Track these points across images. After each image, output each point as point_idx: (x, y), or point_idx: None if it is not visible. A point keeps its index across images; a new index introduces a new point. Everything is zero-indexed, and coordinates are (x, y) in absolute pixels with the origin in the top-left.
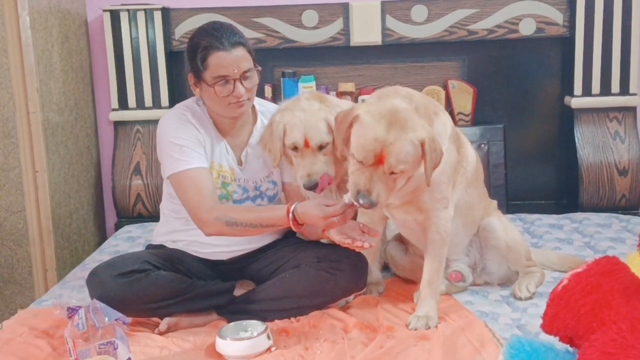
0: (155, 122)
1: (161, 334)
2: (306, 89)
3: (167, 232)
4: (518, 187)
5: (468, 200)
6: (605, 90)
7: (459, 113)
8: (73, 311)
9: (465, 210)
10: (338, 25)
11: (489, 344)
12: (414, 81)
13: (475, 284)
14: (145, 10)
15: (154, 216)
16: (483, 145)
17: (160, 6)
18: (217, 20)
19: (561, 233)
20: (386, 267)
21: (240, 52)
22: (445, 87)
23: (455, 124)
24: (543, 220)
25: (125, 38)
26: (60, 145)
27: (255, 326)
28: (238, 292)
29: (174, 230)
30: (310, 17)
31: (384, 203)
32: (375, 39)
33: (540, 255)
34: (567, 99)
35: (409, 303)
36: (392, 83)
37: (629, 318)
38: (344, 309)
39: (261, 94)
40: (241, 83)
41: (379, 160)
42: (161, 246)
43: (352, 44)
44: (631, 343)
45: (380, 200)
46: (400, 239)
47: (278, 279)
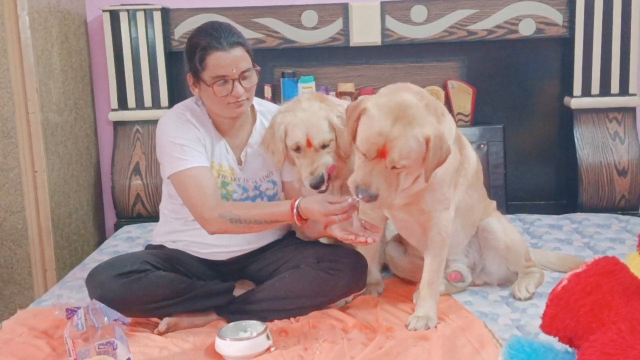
0: (155, 122)
1: (161, 334)
2: (306, 89)
3: (167, 233)
4: (517, 188)
5: (468, 201)
6: (605, 90)
7: (459, 113)
8: (72, 311)
9: (465, 211)
10: (338, 25)
11: (488, 344)
12: (414, 82)
13: (474, 285)
14: (144, 10)
15: (153, 216)
16: (482, 146)
17: (160, 6)
18: (216, 20)
19: (561, 233)
20: (385, 268)
21: (238, 52)
22: (444, 88)
23: (455, 124)
24: (542, 221)
25: (124, 38)
26: (60, 146)
27: (254, 326)
28: (238, 293)
29: (173, 231)
30: (309, 18)
31: (387, 199)
32: (375, 39)
33: (540, 256)
34: (567, 99)
35: (408, 303)
36: (392, 83)
37: (628, 318)
38: (343, 309)
39: (261, 94)
40: (240, 83)
41: (382, 154)
42: (161, 246)
43: (352, 44)
44: (630, 343)
45: (381, 193)
46: (399, 239)
47: (277, 279)
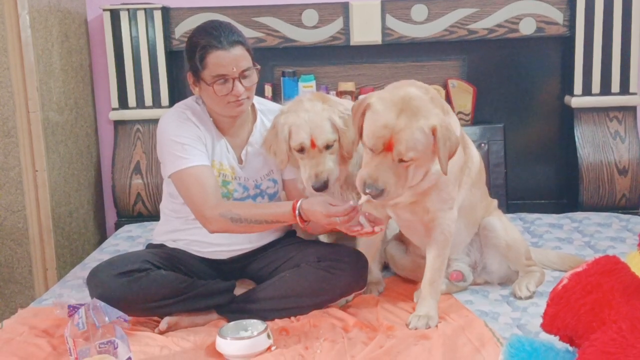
0: (156, 122)
1: (161, 333)
2: (306, 88)
3: (168, 232)
4: (518, 187)
5: (472, 200)
6: (606, 89)
7: (459, 112)
8: (73, 310)
9: (468, 210)
10: (338, 24)
11: (489, 343)
12: None
13: (475, 284)
14: (145, 9)
15: (154, 215)
16: (483, 145)
17: (160, 5)
18: (216, 19)
19: (561, 232)
20: (386, 267)
21: (239, 51)
22: (445, 87)
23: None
24: (543, 220)
25: (125, 37)
26: (60, 145)
27: (255, 325)
28: (238, 292)
29: (174, 230)
30: (310, 17)
31: (395, 193)
32: (375, 38)
33: (540, 255)
34: (567, 98)
35: (409, 302)
36: (392, 82)
37: (629, 317)
38: (344, 308)
39: (261, 94)
40: (240, 82)
41: (389, 148)
42: (161, 245)
43: (352, 43)
44: (631, 342)
45: (388, 187)
46: (400, 238)
47: (278, 278)
